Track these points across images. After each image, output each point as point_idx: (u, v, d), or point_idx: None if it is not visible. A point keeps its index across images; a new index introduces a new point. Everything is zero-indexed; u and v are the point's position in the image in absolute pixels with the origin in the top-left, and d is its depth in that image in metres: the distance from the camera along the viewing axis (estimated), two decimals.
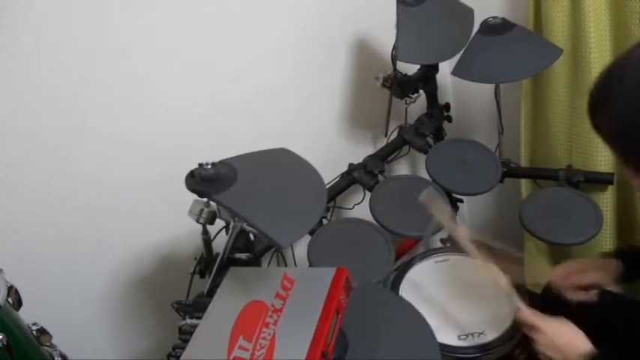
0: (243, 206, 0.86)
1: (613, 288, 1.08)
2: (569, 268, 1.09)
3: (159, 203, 1.24)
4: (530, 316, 0.98)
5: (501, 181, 1.40)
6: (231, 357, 0.82)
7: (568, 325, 0.94)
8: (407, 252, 1.78)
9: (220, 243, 1.05)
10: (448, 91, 1.83)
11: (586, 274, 1.06)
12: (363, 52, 1.55)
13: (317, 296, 0.87)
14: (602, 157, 1.40)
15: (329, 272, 0.92)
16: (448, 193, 1.34)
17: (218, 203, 0.89)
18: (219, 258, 1.03)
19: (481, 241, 1.09)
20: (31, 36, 0.99)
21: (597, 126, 0.78)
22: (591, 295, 1.06)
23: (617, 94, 0.73)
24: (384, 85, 1.44)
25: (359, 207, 1.46)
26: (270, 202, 0.91)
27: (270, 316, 0.87)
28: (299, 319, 0.85)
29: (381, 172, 1.40)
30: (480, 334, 1.15)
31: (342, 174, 1.40)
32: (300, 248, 1.30)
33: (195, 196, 0.91)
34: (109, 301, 1.25)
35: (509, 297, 1.03)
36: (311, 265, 1.13)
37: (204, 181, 0.87)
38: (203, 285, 1.05)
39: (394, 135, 1.53)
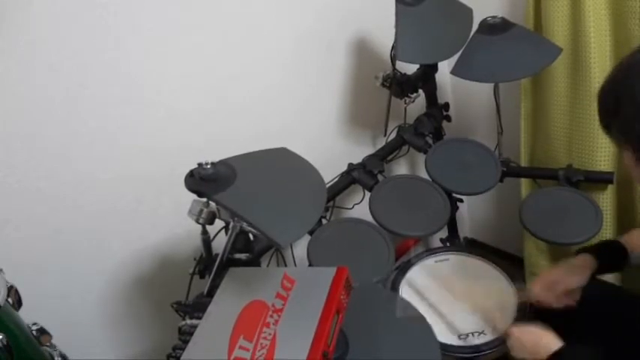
0: (243, 206, 0.86)
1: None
2: (545, 281, 1.11)
3: (159, 203, 1.24)
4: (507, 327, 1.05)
5: (501, 180, 1.40)
6: (232, 357, 0.82)
7: (536, 327, 1.00)
8: (407, 252, 1.78)
9: (220, 243, 1.05)
10: (447, 90, 1.83)
11: (563, 281, 1.08)
12: (362, 51, 1.55)
13: (317, 296, 0.87)
14: (601, 157, 1.40)
15: (329, 272, 0.92)
16: (448, 193, 1.33)
17: (217, 203, 0.89)
18: (219, 258, 1.03)
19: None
20: (30, 36, 0.98)
21: (608, 128, 0.81)
22: (574, 298, 1.09)
23: (628, 100, 0.75)
24: (383, 85, 1.44)
25: (358, 207, 1.46)
26: (269, 201, 0.91)
27: (271, 316, 0.87)
28: (300, 318, 0.85)
29: (381, 171, 1.40)
30: (480, 333, 1.15)
31: (342, 174, 1.40)
32: (300, 249, 1.30)
33: (194, 197, 0.91)
34: (109, 301, 1.25)
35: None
36: (311, 265, 1.13)
37: (204, 180, 0.87)
38: (203, 285, 1.05)
39: (393, 135, 1.52)
